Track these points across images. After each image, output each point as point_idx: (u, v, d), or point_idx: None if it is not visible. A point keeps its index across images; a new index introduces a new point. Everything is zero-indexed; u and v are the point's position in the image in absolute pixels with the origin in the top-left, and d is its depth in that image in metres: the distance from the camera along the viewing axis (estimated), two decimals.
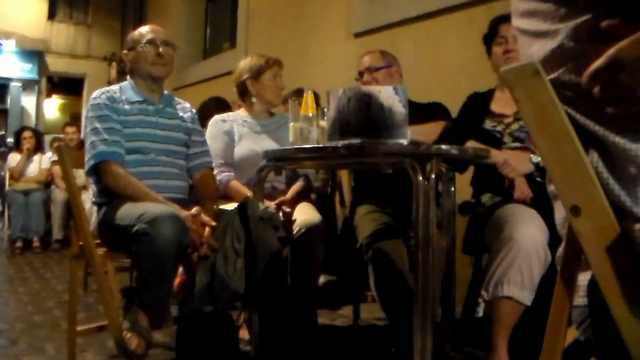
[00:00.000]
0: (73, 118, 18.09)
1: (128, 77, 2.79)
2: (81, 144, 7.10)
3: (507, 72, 0.96)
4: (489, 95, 2.75)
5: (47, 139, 15.42)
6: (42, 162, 7.27)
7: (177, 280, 2.66)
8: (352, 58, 4.66)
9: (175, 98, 2.90)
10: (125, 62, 2.78)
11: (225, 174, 3.04)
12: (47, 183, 7.24)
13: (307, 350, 2.71)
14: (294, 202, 2.87)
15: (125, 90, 2.71)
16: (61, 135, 9.24)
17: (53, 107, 18.69)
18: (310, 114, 2.33)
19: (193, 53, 8.34)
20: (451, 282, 2.51)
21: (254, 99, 3.19)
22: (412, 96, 3.07)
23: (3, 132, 15.44)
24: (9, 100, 16.85)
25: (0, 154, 11.26)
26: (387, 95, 1.99)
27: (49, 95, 17.57)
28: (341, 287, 3.80)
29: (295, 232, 2.68)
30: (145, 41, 2.68)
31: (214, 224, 2.36)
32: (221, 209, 2.60)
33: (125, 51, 2.77)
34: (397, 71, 3.08)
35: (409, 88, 3.06)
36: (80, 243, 2.50)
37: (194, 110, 2.91)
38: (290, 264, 2.69)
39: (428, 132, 2.67)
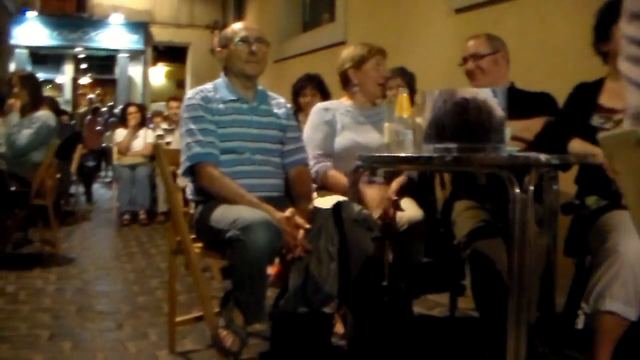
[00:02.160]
0: (179, 85, 18.75)
1: (222, 74, 2.84)
2: None
3: (606, 139, 0.86)
4: (598, 86, 2.59)
5: (154, 106, 16.13)
6: (147, 137, 7.54)
7: (273, 270, 2.72)
8: (452, 35, 4.57)
9: (270, 94, 2.92)
10: (220, 60, 2.83)
11: (323, 164, 3.06)
12: (152, 157, 7.53)
13: (402, 343, 2.73)
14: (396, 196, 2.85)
15: (219, 88, 2.76)
16: (162, 110, 9.62)
17: (159, 74, 19.40)
18: (406, 116, 2.31)
19: (293, 25, 8.37)
20: (551, 283, 2.44)
21: (356, 89, 3.17)
22: (515, 78, 3.00)
23: (112, 103, 16.18)
24: (117, 71, 17.67)
25: (110, 125, 11.85)
26: (485, 97, 1.94)
27: (154, 63, 18.22)
28: (438, 272, 3.75)
29: (399, 225, 2.67)
30: (238, 39, 2.71)
31: (307, 226, 2.39)
32: (316, 207, 2.62)
33: (218, 49, 2.83)
34: (504, 57, 2.96)
35: (511, 70, 3.00)
36: (178, 239, 2.62)
37: (289, 106, 2.93)
38: (389, 260, 2.70)
39: (530, 128, 2.58)
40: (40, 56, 18.74)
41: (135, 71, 17.33)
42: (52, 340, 3.02)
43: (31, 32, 16.12)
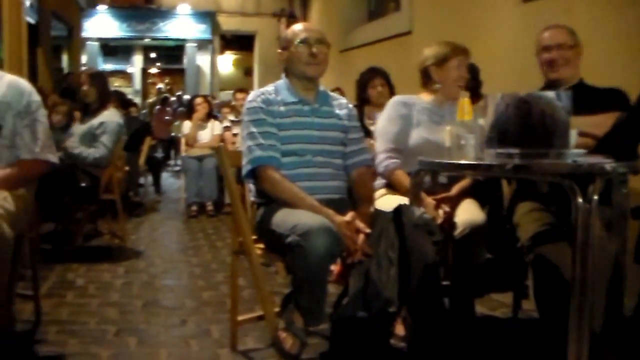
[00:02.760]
0: (247, 73, 18.97)
1: (283, 75, 2.86)
2: None
3: None
4: None
5: (222, 95, 16.37)
6: (214, 128, 7.66)
7: (336, 268, 2.74)
8: (520, 25, 4.46)
9: (332, 94, 2.93)
10: (280, 62, 2.85)
11: (393, 160, 3.03)
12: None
13: (462, 344, 2.71)
14: (457, 200, 2.82)
15: (280, 90, 2.78)
16: (230, 99, 9.75)
17: (227, 62, 19.64)
18: (467, 120, 2.28)
19: (358, 14, 8.35)
20: (619, 289, 2.37)
21: (437, 86, 3.14)
22: (587, 72, 2.92)
23: (181, 92, 16.52)
24: (185, 60, 18.04)
25: (179, 115, 12.11)
26: (549, 101, 1.90)
27: (222, 52, 18.49)
28: (501, 270, 3.69)
29: (457, 231, 2.65)
30: (298, 41, 2.72)
31: (368, 231, 2.39)
32: (377, 210, 2.62)
33: (279, 51, 2.85)
34: (581, 53, 2.90)
35: (583, 63, 2.91)
36: (240, 239, 2.68)
37: (350, 106, 2.92)
38: (450, 264, 2.68)
39: (599, 124, 2.51)
40: (111, 48, 19.34)
41: (203, 60, 17.64)
42: (118, 336, 3.14)
43: (102, 24, 16.66)
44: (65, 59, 14.42)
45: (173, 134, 11.59)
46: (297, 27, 2.81)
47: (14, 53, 8.26)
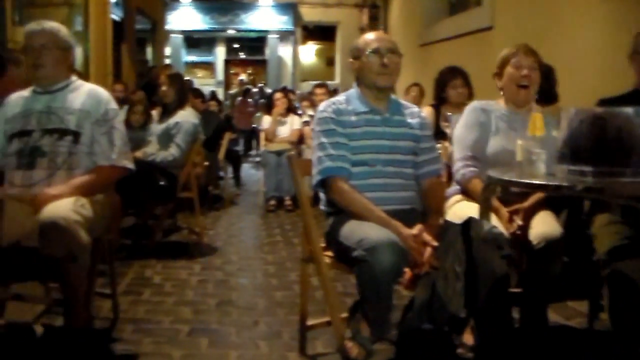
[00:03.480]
0: (329, 63, 19.05)
1: (355, 84, 2.88)
2: None
3: None
4: None
5: (304, 86, 16.51)
6: (293, 123, 7.73)
7: (407, 275, 2.73)
8: (606, 23, 4.29)
9: (403, 103, 2.92)
10: (352, 71, 2.86)
11: (470, 169, 2.99)
12: (298, 142, 7.69)
13: (533, 356, 2.67)
14: (532, 211, 2.76)
15: (351, 100, 2.80)
16: (309, 92, 9.81)
17: (309, 52, 19.75)
18: (538, 135, 2.23)
19: (439, 8, 8.24)
20: None
21: (502, 93, 3.10)
22: None
23: (263, 84, 16.75)
24: (267, 52, 18.32)
25: (261, 106, 12.30)
26: (627, 118, 1.84)
27: (304, 42, 18.62)
28: (578, 277, 3.58)
29: (533, 243, 2.60)
30: (370, 51, 2.72)
31: (435, 244, 2.39)
32: (447, 222, 2.61)
33: (350, 60, 2.86)
34: None
35: None
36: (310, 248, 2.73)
37: (423, 114, 2.91)
38: (524, 277, 2.63)
39: None
40: (194, 40, 19.84)
41: (285, 51, 17.86)
42: (190, 336, 3.25)
43: (185, 17, 17.11)
44: (149, 51, 14.86)
45: (254, 125, 11.77)
46: (369, 36, 2.82)
47: (99, 50, 8.61)
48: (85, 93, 3.04)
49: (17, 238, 2.81)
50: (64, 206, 2.63)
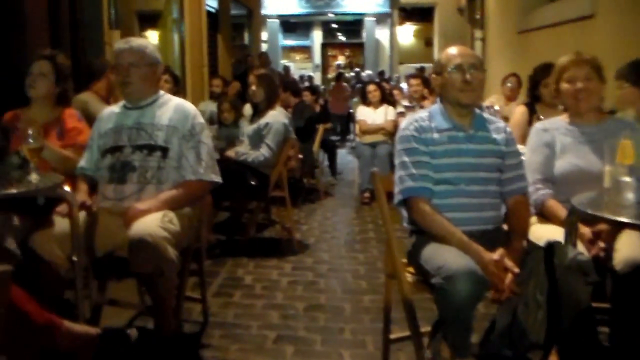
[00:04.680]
0: (427, 43, 18.86)
1: (438, 100, 2.86)
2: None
3: None
4: None
5: (402, 69, 16.43)
6: (387, 114, 7.73)
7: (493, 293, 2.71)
8: None
9: (488, 118, 2.87)
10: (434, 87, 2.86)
11: (542, 192, 2.93)
12: (392, 134, 7.68)
13: None
14: (616, 232, 2.66)
15: (434, 116, 2.78)
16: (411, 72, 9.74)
17: (406, 34, 19.61)
18: (627, 164, 2.18)
19: None
20: None
21: (560, 108, 3.08)
22: None
23: (359, 69, 16.79)
24: (364, 35, 18.33)
25: (357, 91, 12.35)
26: None
27: (401, 23, 18.49)
28: None
29: (617, 268, 2.50)
30: (452, 67, 2.69)
31: (516, 270, 2.37)
32: (530, 245, 2.58)
33: (433, 75, 2.86)
34: None
35: None
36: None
37: (509, 130, 2.84)
38: (611, 303, 2.57)
39: None
40: (291, 24, 20.11)
41: (382, 34, 17.83)
42: (276, 343, 3.37)
43: (281, 2, 17.32)
44: (246, 36, 15.19)
45: (351, 110, 11.83)
46: (451, 51, 2.77)
47: (194, 42, 8.88)
48: (172, 108, 3.19)
49: (110, 248, 3.03)
50: (152, 223, 2.79)
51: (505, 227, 2.76)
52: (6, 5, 4.22)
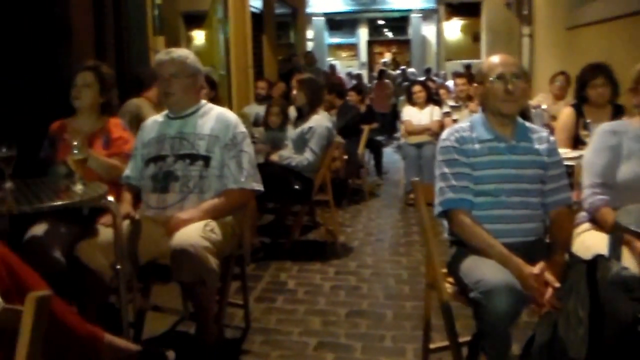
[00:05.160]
0: (474, 39, 18.66)
1: (480, 109, 2.84)
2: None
3: None
4: None
5: (448, 65, 16.31)
6: (433, 114, 7.68)
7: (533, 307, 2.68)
8: None
9: (531, 127, 2.83)
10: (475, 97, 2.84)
11: (599, 197, 2.86)
12: (438, 134, 7.63)
13: None
14: None
15: (476, 126, 2.75)
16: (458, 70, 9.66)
17: (453, 29, 19.44)
18: None
19: None
20: None
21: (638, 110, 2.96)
22: None
23: (404, 66, 16.72)
24: (410, 31, 18.25)
25: (403, 89, 12.32)
26: None
27: (448, 18, 18.36)
28: None
29: None
30: (494, 76, 2.66)
31: (557, 285, 2.35)
32: (572, 259, 2.55)
33: (474, 85, 2.83)
34: None
35: None
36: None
37: (552, 139, 2.79)
38: None
39: None
40: (336, 22, 20.14)
41: (428, 30, 17.73)
42: (317, 350, 3.39)
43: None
44: (291, 35, 15.27)
45: (397, 109, 11.78)
46: (494, 60, 2.74)
47: (239, 43, 8.97)
48: (214, 118, 3.24)
49: (153, 256, 3.10)
50: (194, 232, 2.84)
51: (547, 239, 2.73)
52: (53, 17, 4.33)
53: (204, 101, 3.37)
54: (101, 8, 4.77)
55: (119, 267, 2.90)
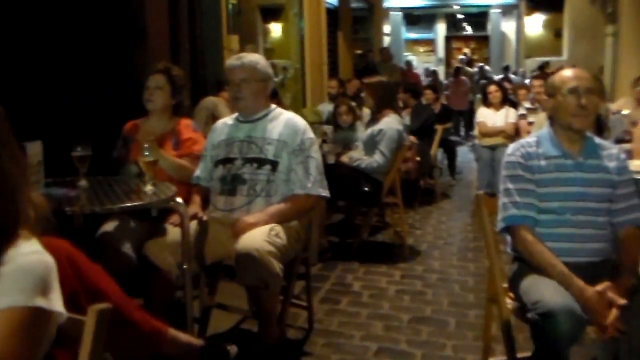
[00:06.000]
0: (556, 35, 18.22)
1: (547, 124, 2.80)
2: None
3: None
4: None
5: (528, 63, 15.96)
6: (509, 116, 7.54)
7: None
8: None
9: (601, 143, 2.77)
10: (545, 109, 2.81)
11: None
12: (513, 137, 7.49)
13: None
14: None
15: (542, 141, 2.71)
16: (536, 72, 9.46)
17: (534, 24, 19.01)
18: None
19: None
20: None
21: None
22: None
23: (482, 64, 16.48)
24: (489, 27, 17.97)
25: (480, 87, 12.16)
26: None
27: (529, 13, 17.99)
28: None
29: None
30: (566, 90, 2.61)
31: (622, 302, 2.29)
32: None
33: (544, 97, 2.80)
34: None
35: None
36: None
37: (622, 157, 2.74)
38: None
39: None
40: (413, 17, 20.01)
41: (508, 26, 17.43)
42: (377, 356, 3.42)
43: None
44: (368, 30, 15.27)
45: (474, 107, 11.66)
46: (566, 73, 2.69)
47: (313, 40, 9.04)
48: (283, 123, 3.31)
49: (219, 257, 3.21)
50: (259, 237, 2.92)
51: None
52: (130, 20, 4.50)
53: (273, 106, 3.44)
54: (176, 9, 4.91)
55: (185, 266, 3.00)
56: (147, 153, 3.03)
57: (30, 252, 1.30)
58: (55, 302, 1.30)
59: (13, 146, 1.38)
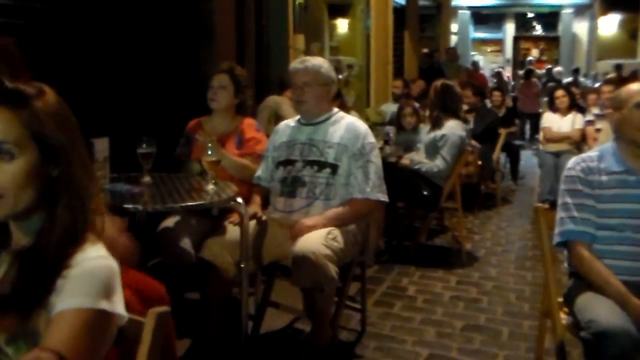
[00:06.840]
0: (632, 36, 17.72)
1: (612, 139, 2.76)
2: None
3: None
4: None
5: (600, 65, 15.58)
6: (575, 122, 7.38)
7: None
8: None
9: None
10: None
11: None
12: (579, 143, 7.34)
13: None
14: None
15: (605, 156, 2.68)
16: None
17: (609, 25, 18.48)
18: None
19: None
20: None
21: None
22: None
23: (550, 66, 16.17)
24: (560, 28, 17.61)
25: (549, 89, 11.96)
26: None
27: (603, 13, 17.55)
28: None
29: None
30: (634, 104, 2.58)
31: None
32: None
33: (609, 111, 2.77)
34: None
35: None
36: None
37: None
38: None
39: None
40: (482, 16, 19.76)
41: (580, 27, 17.06)
42: None
43: None
44: (435, 29, 15.17)
45: (541, 110, 11.47)
46: (634, 87, 2.66)
47: (380, 40, 9.06)
48: (344, 127, 3.35)
49: (276, 257, 3.28)
50: (316, 240, 2.98)
51: None
52: (198, 19, 4.60)
53: (335, 109, 3.49)
54: (243, 9, 5.00)
55: (242, 265, 3.08)
56: (210, 152, 3.11)
57: (96, 256, 1.37)
58: (118, 305, 1.37)
59: (83, 151, 1.44)
